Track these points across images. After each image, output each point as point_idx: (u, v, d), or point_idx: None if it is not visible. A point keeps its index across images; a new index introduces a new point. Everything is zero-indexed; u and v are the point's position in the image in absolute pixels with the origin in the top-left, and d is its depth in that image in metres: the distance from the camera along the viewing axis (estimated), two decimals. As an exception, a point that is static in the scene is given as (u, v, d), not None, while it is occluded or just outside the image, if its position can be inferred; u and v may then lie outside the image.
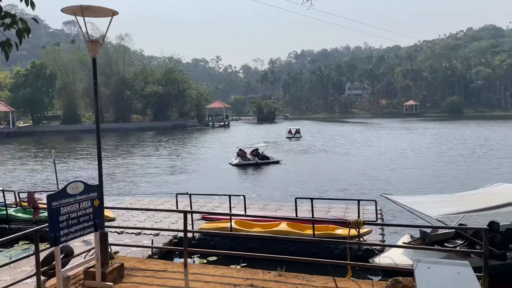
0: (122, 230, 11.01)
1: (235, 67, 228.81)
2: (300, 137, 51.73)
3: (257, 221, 10.80)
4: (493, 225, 9.61)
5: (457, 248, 9.07)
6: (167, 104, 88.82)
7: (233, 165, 28.51)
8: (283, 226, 10.19)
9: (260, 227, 10.52)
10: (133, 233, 10.97)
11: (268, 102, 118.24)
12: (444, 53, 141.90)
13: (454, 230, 9.59)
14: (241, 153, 29.36)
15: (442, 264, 4.65)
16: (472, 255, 8.14)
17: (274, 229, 10.15)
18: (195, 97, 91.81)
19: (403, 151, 34.04)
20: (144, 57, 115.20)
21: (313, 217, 9.97)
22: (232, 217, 10.43)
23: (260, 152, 29.42)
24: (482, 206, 8.81)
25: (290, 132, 54.46)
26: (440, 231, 9.84)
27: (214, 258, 9.67)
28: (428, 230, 9.56)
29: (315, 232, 9.60)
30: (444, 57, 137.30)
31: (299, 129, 55.30)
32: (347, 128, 71.63)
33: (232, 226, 10.21)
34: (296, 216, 10.03)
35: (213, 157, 34.31)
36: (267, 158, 29.26)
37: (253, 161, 28.56)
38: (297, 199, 10.27)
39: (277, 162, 28.82)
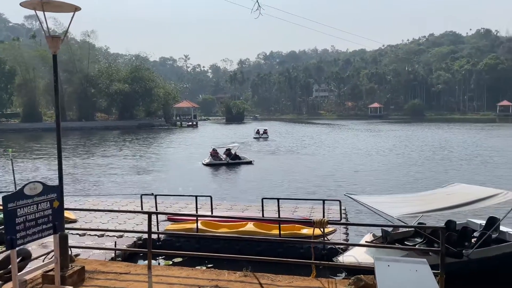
0: (84, 232, 10.69)
1: (203, 67, 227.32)
2: (267, 137, 52.10)
3: (224, 221, 10.78)
4: (450, 224, 10.05)
5: (417, 246, 9.41)
6: (133, 102, 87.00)
7: (204, 164, 28.34)
8: (250, 226, 10.22)
9: (226, 227, 10.50)
10: (95, 235, 10.67)
11: (237, 102, 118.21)
12: (407, 57, 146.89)
13: (413, 229, 9.96)
14: (213, 153, 29.21)
15: (401, 262, 4.80)
16: (430, 253, 8.47)
17: (240, 229, 10.17)
18: (163, 96, 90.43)
19: (367, 152, 34.93)
20: (109, 55, 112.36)
21: (279, 217, 10.06)
22: (198, 218, 10.36)
23: (233, 152, 29.39)
24: (440, 206, 9.19)
25: (257, 132, 54.71)
26: (401, 230, 10.19)
27: (180, 259, 9.56)
28: (390, 229, 9.86)
29: (281, 232, 9.69)
30: (407, 62, 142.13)
31: (266, 130, 55.60)
32: (315, 129, 72.72)
33: (198, 227, 10.13)
34: (263, 216, 10.09)
35: (181, 157, 33.92)
36: (239, 158, 29.25)
37: (225, 161, 28.49)
38: (264, 200, 10.34)
39: (250, 163, 28.82)
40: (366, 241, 9.81)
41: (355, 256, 8.87)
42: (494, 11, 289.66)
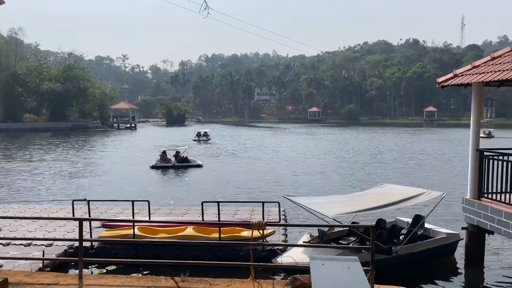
0: (8, 241, 9.90)
1: (143, 67, 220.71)
2: (206, 140, 51.84)
3: (162, 226, 10.52)
4: (380, 222, 10.64)
5: (350, 245, 9.84)
6: (66, 103, 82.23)
7: (151, 167, 27.65)
8: (189, 230, 10.07)
9: (165, 232, 10.25)
10: (21, 244, 9.92)
11: (178, 104, 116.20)
12: (344, 64, 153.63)
13: (347, 228, 10.42)
14: (162, 156, 28.54)
15: (335, 260, 4.98)
16: (363, 250, 8.91)
17: (179, 234, 9.98)
18: (99, 96, 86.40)
19: (306, 155, 35.96)
20: (39, 52, 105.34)
21: (219, 220, 10.02)
22: (135, 224, 10.02)
23: (182, 155, 28.82)
24: (371, 205, 9.70)
25: (198, 134, 54.30)
26: (336, 229, 10.61)
27: (114, 267, 9.17)
28: (326, 229, 10.22)
29: (222, 235, 9.66)
30: (343, 68, 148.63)
31: (206, 132, 55.29)
32: (257, 132, 73.53)
33: (135, 233, 9.79)
34: (203, 220, 9.99)
35: (118, 160, 32.61)
36: (188, 161, 28.71)
37: (170, 164, 27.87)
38: (204, 203, 10.25)
39: (199, 166, 28.35)
40: (303, 241, 10.08)
41: (292, 256, 9.07)
42: (422, 23, 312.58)
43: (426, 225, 10.66)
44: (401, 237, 10.06)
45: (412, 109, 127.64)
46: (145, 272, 8.57)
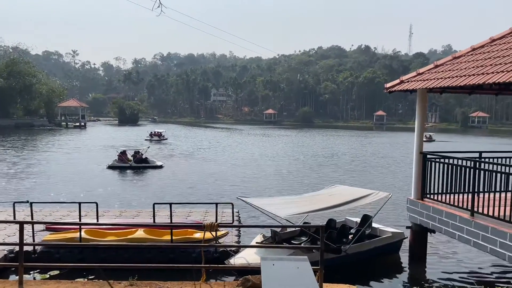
0: None
1: (94, 64, 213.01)
2: (159, 140, 51.01)
3: (111, 229, 10.16)
4: (331, 222, 10.94)
5: (302, 245, 10.04)
6: (10, 99, 77.45)
7: (108, 167, 26.81)
8: (140, 233, 9.81)
9: (114, 235, 9.91)
10: (-46, 250, 9.20)
11: (131, 103, 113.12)
12: (299, 67, 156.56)
13: (299, 228, 10.61)
14: (120, 156, 27.64)
15: (285, 260, 5.04)
16: (313, 250, 9.11)
17: (129, 237, 9.69)
18: (45, 93, 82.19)
19: (262, 156, 36.24)
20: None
21: (171, 222, 9.85)
22: (82, 227, 9.61)
23: (141, 155, 27.97)
24: (323, 206, 9.95)
25: (151, 134, 53.24)
26: (288, 229, 10.77)
27: (57, 272, 8.73)
28: (278, 229, 10.35)
29: (174, 237, 9.50)
30: (298, 71, 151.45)
31: (160, 132, 54.33)
32: (213, 133, 73.09)
33: (82, 236, 9.39)
34: (154, 222, 9.77)
35: (66, 161, 31.15)
36: (147, 161, 27.91)
37: (127, 165, 27.05)
38: (156, 205, 10.02)
39: (160, 167, 27.63)
40: (256, 242, 10.14)
41: (245, 257, 9.10)
42: (373, 30, 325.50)
43: (374, 225, 11.09)
44: (350, 237, 10.39)
45: (363, 113, 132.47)
46: (91, 277, 8.23)
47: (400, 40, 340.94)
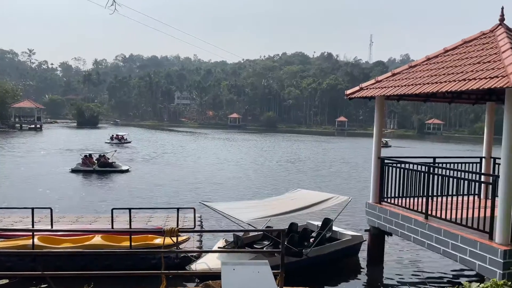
0: None
1: (52, 64, 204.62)
2: (119, 143, 49.84)
3: (67, 235, 9.77)
4: (292, 226, 11.04)
5: (264, 249, 10.08)
6: (-42, 99, 72.99)
7: (71, 171, 26.00)
8: (97, 239, 9.49)
9: (70, 242, 9.53)
10: None
11: (90, 105, 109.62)
12: (263, 72, 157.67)
13: (262, 232, 10.64)
14: (84, 159, 26.83)
15: (245, 264, 5.03)
16: (275, 254, 9.16)
17: (86, 243, 9.35)
18: (-2, 93, 78.03)
19: (226, 161, 36.13)
20: None
21: (130, 228, 9.60)
22: (35, 233, 9.17)
23: (107, 159, 27.20)
24: (285, 209, 10.04)
25: (112, 138, 51.86)
26: (251, 234, 10.78)
27: (6, 281, 8.26)
28: (241, 234, 10.33)
29: (133, 243, 9.26)
30: (263, 76, 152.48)
31: (122, 135, 53.06)
32: (177, 137, 72.06)
33: (35, 243, 8.96)
34: (112, 228, 9.49)
35: (22, 164, 29.66)
36: (112, 166, 27.09)
37: (91, 168, 26.23)
38: (115, 210, 9.75)
39: (126, 171, 26.95)
40: (218, 247, 10.07)
41: (207, 262, 9.02)
42: (335, 38, 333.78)
43: (334, 228, 11.32)
44: (311, 240, 10.54)
45: (326, 118, 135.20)
46: (43, 286, 7.86)
47: (361, 48, 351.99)
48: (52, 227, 9.83)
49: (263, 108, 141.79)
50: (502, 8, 8.70)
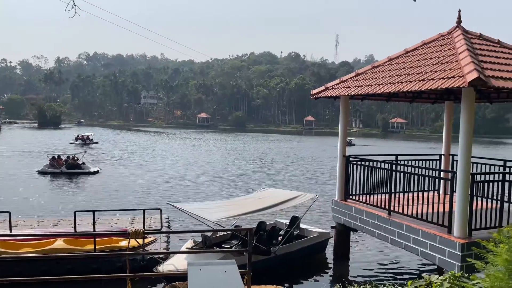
0: None
1: (10, 62, 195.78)
2: (83, 144, 48.48)
3: (27, 240, 9.39)
4: (261, 224, 11.09)
5: (233, 248, 10.06)
6: None
7: (38, 173, 25.21)
8: (59, 243, 9.17)
9: (30, 247, 9.17)
10: None
11: (52, 105, 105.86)
12: (232, 72, 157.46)
13: (230, 232, 10.62)
14: (51, 161, 25.98)
15: (212, 265, 5.02)
16: (244, 253, 9.17)
17: (47, 247, 9.02)
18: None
19: (195, 161, 35.81)
20: None
21: (94, 230, 9.34)
22: (-8, 238, 8.77)
23: (72, 160, 26.34)
24: (253, 208, 10.07)
25: (77, 138, 50.33)
26: (220, 233, 10.74)
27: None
28: (209, 234, 10.28)
29: (97, 246, 9.02)
30: (231, 76, 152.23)
31: (88, 136, 51.63)
32: (144, 137, 70.67)
33: (-8, 249, 8.57)
34: (75, 231, 9.20)
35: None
36: (80, 167, 26.22)
37: (58, 170, 25.35)
38: (77, 212, 9.46)
39: (96, 172, 26.23)
40: (186, 248, 9.97)
41: (174, 264, 8.91)
42: (302, 38, 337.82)
43: (302, 225, 11.46)
44: (279, 238, 10.63)
45: (294, 118, 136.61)
46: (1, 294, 7.53)
47: (328, 49, 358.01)
48: (10, 231, 9.42)
49: (231, 107, 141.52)
50: (459, 11, 9.08)
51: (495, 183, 7.35)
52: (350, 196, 9.82)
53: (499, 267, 3.41)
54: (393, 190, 8.53)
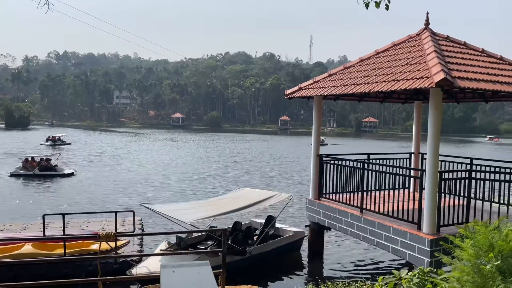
0: None
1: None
2: (54, 145, 47.21)
3: (-7, 245, 9.04)
4: (236, 225, 11.08)
5: (208, 249, 10.00)
6: None
7: (9, 175, 24.55)
8: (28, 248, 8.88)
9: (-4, 252, 8.83)
10: None
11: (20, 105, 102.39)
12: (207, 72, 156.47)
13: (205, 232, 10.56)
14: (24, 162, 25.23)
15: (186, 266, 4.96)
16: (219, 253, 9.13)
17: (15, 252, 8.72)
18: None
19: (170, 161, 35.39)
20: None
21: (64, 234, 9.09)
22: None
23: (46, 162, 25.57)
24: (229, 209, 10.04)
25: (48, 139, 48.94)
26: (195, 234, 10.66)
27: None
28: (184, 235, 10.18)
29: (68, 250, 8.79)
30: (206, 76, 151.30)
31: (59, 137, 50.31)
32: (117, 138, 69.31)
33: (-45, 256, 8.20)
34: (44, 235, 8.92)
35: None
36: (53, 169, 25.48)
37: (30, 173, 24.63)
38: (47, 216, 9.18)
39: (70, 174, 25.53)
40: (161, 250, 9.84)
41: (148, 266, 8.78)
42: (277, 38, 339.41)
43: (277, 225, 11.51)
44: (255, 238, 10.64)
45: (269, 117, 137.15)
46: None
47: (302, 49, 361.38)
48: (-25, 237, 9.04)
49: (206, 107, 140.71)
50: (427, 14, 9.34)
51: (462, 181, 7.60)
52: (324, 195, 9.94)
53: (465, 262, 3.52)
54: (365, 189, 8.69)
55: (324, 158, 10.01)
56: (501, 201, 7.75)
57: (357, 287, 5.72)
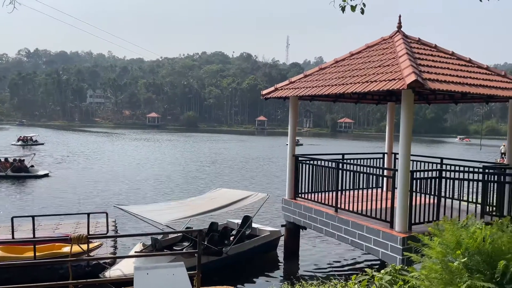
0: None
1: None
2: (25, 145, 45.87)
3: (-42, 250, 8.68)
4: (213, 225, 11.03)
5: (184, 250, 9.91)
6: None
7: None
8: (-5, 251, 8.57)
9: (-39, 257, 8.48)
10: None
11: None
12: (183, 71, 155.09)
13: (181, 233, 10.47)
14: None
15: (160, 268, 4.89)
16: (195, 254, 9.06)
17: (-19, 257, 8.40)
18: None
19: (143, 162, 34.90)
20: None
21: (34, 237, 8.82)
22: None
23: (19, 163, 24.73)
24: (205, 209, 10.00)
25: (19, 139, 47.50)
26: (170, 236, 10.55)
27: None
28: (159, 237, 10.06)
29: (38, 253, 8.52)
30: (183, 75, 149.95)
31: (31, 137, 48.91)
32: (91, 138, 67.78)
33: None
34: (13, 237, 8.64)
35: None
36: (27, 170, 24.66)
37: (3, 174, 23.91)
38: (15, 218, 8.88)
39: (44, 176, 24.77)
40: (135, 251, 9.69)
41: (122, 269, 8.64)
42: (254, 39, 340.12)
43: (254, 225, 11.54)
44: (232, 238, 10.63)
45: (246, 118, 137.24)
46: None
47: (279, 50, 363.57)
48: None
49: (183, 107, 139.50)
50: (400, 16, 9.56)
51: (433, 180, 7.81)
52: (300, 195, 10.02)
53: (434, 259, 3.62)
54: (340, 188, 8.82)
55: (300, 158, 10.09)
56: (470, 200, 8.02)
57: (331, 286, 5.80)
